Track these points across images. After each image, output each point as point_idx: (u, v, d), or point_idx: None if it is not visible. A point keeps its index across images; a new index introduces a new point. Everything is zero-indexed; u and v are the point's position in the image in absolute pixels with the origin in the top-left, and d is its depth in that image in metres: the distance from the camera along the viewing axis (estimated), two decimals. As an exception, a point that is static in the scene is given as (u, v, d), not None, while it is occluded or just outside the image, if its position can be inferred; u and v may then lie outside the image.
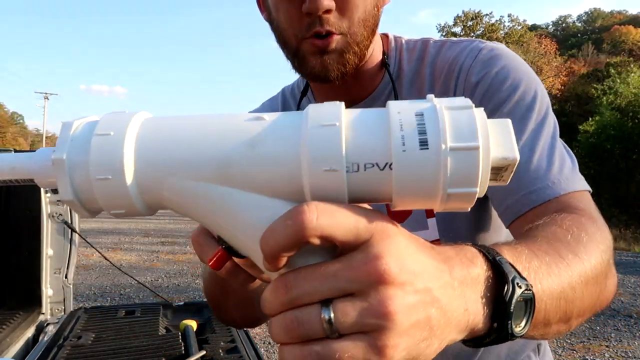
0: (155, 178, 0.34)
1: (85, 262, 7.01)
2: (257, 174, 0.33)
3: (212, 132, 0.34)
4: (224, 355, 1.09)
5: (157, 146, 0.34)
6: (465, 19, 30.30)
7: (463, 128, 0.31)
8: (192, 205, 0.35)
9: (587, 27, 66.87)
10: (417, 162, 0.30)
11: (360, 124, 0.32)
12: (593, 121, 15.78)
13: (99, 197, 0.34)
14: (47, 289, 1.66)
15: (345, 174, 0.31)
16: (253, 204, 0.33)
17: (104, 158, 0.33)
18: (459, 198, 0.32)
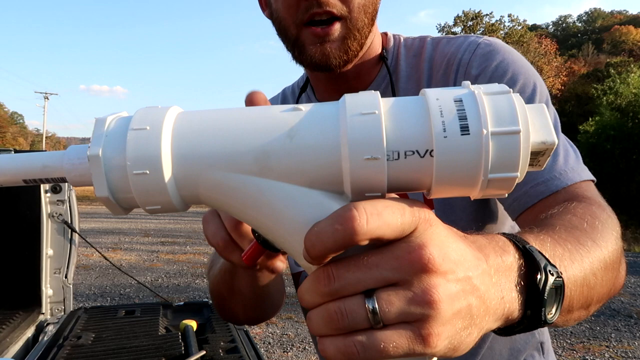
0: (193, 171, 0.33)
1: (85, 262, 7.01)
2: (296, 165, 0.32)
3: (248, 124, 0.33)
4: (224, 355, 1.09)
5: (194, 139, 0.33)
6: (465, 19, 30.30)
7: (503, 113, 0.31)
8: (230, 199, 0.34)
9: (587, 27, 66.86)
10: (459, 148, 0.30)
11: (399, 111, 0.32)
12: (593, 121, 15.78)
13: (136, 193, 0.33)
14: (47, 288, 1.66)
15: (386, 162, 0.31)
16: (291, 195, 0.33)
17: (141, 152, 0.32)
18: (499, 184, 0.31)
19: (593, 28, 63.85)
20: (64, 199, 1.68)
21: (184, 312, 1.50)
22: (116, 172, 0.33)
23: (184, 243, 9.46)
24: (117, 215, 0.36)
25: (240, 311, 0.67)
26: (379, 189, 0.32)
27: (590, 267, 0.44)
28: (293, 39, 0.67)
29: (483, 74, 0.67)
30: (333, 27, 0.64)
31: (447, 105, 0.31)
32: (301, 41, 0.66)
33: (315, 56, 0.65)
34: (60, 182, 0.37)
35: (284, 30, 0.68)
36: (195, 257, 7.99)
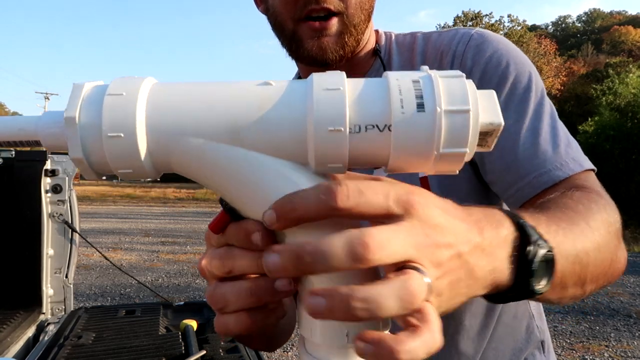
0: (166, 136, 0.35)
1: (86, 262, 7.01)
2: (265, 135, 0.34)
3: (222, 95, 0.35)
4: (224, 355, 1.09)
5: (169, 105, 0.35)
6: (465, 19, 30.30)
7: (456, 93, 0.33)
8: (200, 166, 0.35)
9: (587, 27, 66.86)
10: (415, 124, 0.33)
11: (361, 89, 0.34)
12: (592, 121, 15.78)
13: (109, 156, 0.34)
14: (48, 288, 1.67)
15: (348, 134, 0.33)
16: (259, 163, 0.35)
17: (117, 116, 0.34)
18: (450, 159, 0.34)
19: (592, 28, 63.86)
20: (64, 198, 1.68)
21: (184, 312, 1.50)
22: (91, 134, 0.34)
23: (184, 243, 9.46)
24: (90, 179, 0.37)
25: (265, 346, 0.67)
26: (340, 160, 0.34)
27: (583, 246, 0.46)
28: (290, 34, 0.66)
29: (477, 65, 0.67)
30: (330, 21, 0.64)
31: (406, 85, 0.34)
32: (298, 36, 0.65)
33: (313, 50, 0.65)
34: (34, 146, 0.38)
35: (280, 26, 0.68)
36: (195, 257, 7.99)
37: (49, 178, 1.66)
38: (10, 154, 1.60)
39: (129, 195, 29.26)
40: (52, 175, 1.66)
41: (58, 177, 1.67)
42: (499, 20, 31.02)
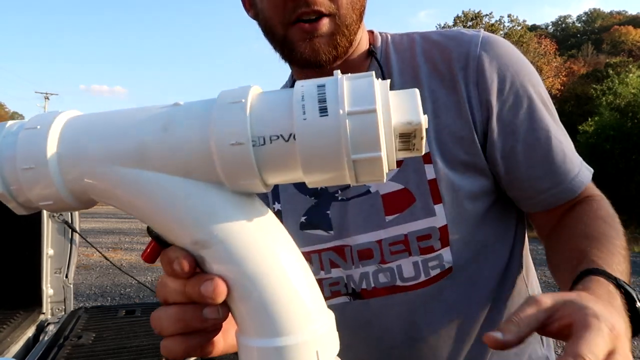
0: (76, 164, 0.35)
1: (86, 262, 7.00)
2: (171, 155, 0.34)
3: (129, 120, 0.36)
4: (224, 355, 1.09)
5: (79, 135, 0.36)
6: (465, 19, 30.30)
7: (361, 94, 0.32)
8: (116, 192, 0.35)
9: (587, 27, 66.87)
10: (319, 129, 0.31)
11: (266, 99, 0.33)
12: (592, 121, 15.76)
13: (26, 188, 0.35)
14: (48, 288, 1.67)
15: (252, 147, 0.32)
16: (170, 185, 0.34)
17: (30, 148, 0.35)
18: (367, 165, 0.32)
19: (592, 28, 63.88)
20: (64, 199, 1.68)
21: (184, 312, 1.50)
22: (9, 168, 0.35)
23: (184, 243, 9.44)
24: (19, 214, 0.37)
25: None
26: (250, 176, 0.33)
27: (627, 271, 0.56)
28: (281, 39, 0.66)
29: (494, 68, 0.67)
30: (321, 22, 0.63)
31: (309, 91, 0.32)
32: (289, 39, 0.65)
33: (305, 52, 0.64)
34: None
35: (270, 31, 0.67)
36: (195, 257, 7.98)
37: (49, 178, 1.66)
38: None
39: (129, 195, 29.17)
40: (52, 175, 1.66)
41: (58, 177, 1.67)
42: (499, 20, 31.01)
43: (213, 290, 0.34)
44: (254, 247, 0.34)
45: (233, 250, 0.33)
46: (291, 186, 0.76)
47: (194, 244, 0.34)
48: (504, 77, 0.67)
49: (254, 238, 0.34)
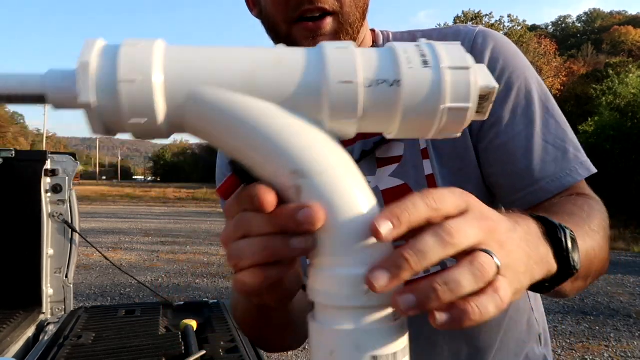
0: (182, 83, 0.34)
1: (86, 262, 7.01)
2: (282, 87, 0.35)
3: (238, 50, 0.36)
4: (224, 355, 1.09)
5: (186, 55, 0.35)
6: (465, 19, 30.31)
7: (456, 55, 0.37)
8: (216, 118, 0.35)
9: (587, 27, 66.87)
10: (422, 78, 0.35)
11: (370, 51, 0.37)
12: (592, 121, 15.77)
13: (123, 102, 0.33)
14: (48, 288, 1.67)
15: (361, 87, 0.35)
16: (274, 114, 0.35)
17: (134, 61, 0.33)
18: (455, 115, 0.36)
19: (592, 28, 63.87)
20: (64, 198, 1.68)
21: (184, 312, 1.50)
22: (105, 78, 0.33)
23: (184, 243, 9.45)
24: (95, 134, 0.35)
25: (277, 339, 0.68)
26: (353, 115, 0.35)
27: (591, 244, 0.53)
28: (284, 37, 0.66)
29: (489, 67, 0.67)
30: (325, 21, 0.63)
31: (410, 47, 0.37)
32: (293, 37, 0.65)
33: None
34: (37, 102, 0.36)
35: (274, 29, 0.67)
36: (195, 256, 7.99)
37: (49, 178, 1.66)
38: (10, 154, 1.60)
39: (129, 195, 29.25)
40: (52, 175, 1.66)
41: (58, 177, 1.67)
42: (499, 21, 31.02)
43: (314, 216, 0.34)
44: (350, 180, 0.36)
45: (332, 181, 0.35)
46: None
47: (293, 173, 0.35)
48: (494, 68, 0.67)
49: (350, 172, 0.36)
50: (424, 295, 0.33)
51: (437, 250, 0.33)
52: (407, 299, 0.33)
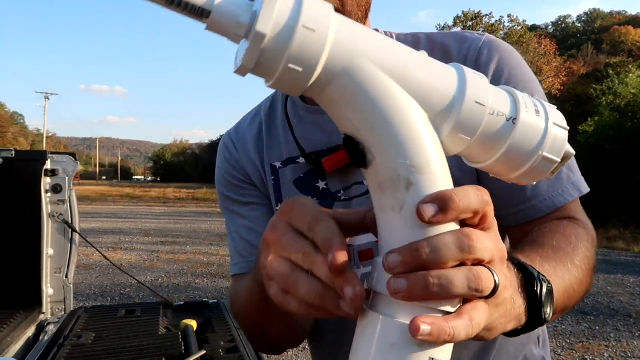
0: (347, 49, 0.35)
1: (86, 262, 7.01)
2: (427, 88, 0.38)
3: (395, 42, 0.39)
4: (224, 355, 1.09)
5: (355, 26, 0.37)
6: (465, 19, 30.30)
7: (558, 115, 0.42)
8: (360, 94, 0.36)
9: (587, 27, 66.86)
10: (534, 123, 0.40)
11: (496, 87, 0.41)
12: (592, 121, 15.75)
13: (293, 44, 0.34)
14: (48, 288, 1.67)
15: (487, 112, 0.38)
16: (417, 110, 0.37)
17: (316, 12, 0.35)
18: (544, 164, 0.40)
19: (592, 28, 63.87)
20: (64, 198, 1.68)
21: (184, 312, 1.50)
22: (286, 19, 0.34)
23: (184, 243, 9.46)
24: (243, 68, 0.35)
25: (279, 336, 0.68)
26: (472, 134, 0.39)
27: (570, 283, 0.55)
28: None
29: (490, 72, 0.67)
30: None
31: (526, 95, 0.41)
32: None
33: None
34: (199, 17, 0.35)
35: None
36: (195, 256, 7.99)
37: (49, 178, 1.66)
38: (10, 154, 1.60)
39: (129, 195, 29.25)
40: (52, 175, 1.66)
41: (58, 177, 1.67)
42: (499, 21, 31.02)
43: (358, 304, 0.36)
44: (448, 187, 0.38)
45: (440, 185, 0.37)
46: (294, 188, 0.77)
47: (412, 166, 0.36)
48: (499, 80, 0.67)
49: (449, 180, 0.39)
50: (415, 284, 0.34)
51: (454, 252, 0.34)
52: (399, 283, 0.34)
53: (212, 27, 0.35)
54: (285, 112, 0.78)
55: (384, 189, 0.37)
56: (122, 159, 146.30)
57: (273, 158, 0.79)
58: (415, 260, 0.34)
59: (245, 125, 0.84)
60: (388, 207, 0.37)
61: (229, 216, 0.83)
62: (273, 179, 0.79)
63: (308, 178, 0.76)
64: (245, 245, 0.79)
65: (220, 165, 0.84)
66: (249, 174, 0.81)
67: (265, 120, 0.82)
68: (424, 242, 0.34)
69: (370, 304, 0.39)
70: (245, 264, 0.78)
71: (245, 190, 0.81)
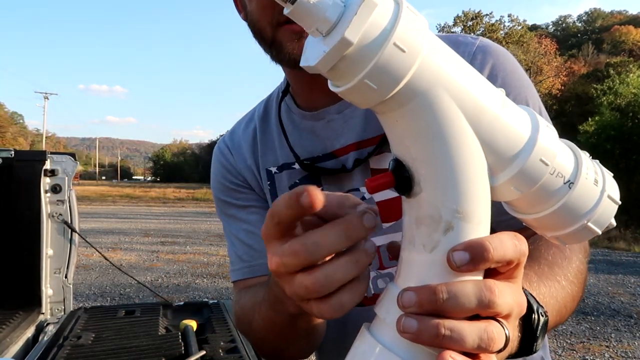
0: (430, 77, 0.33)
1: (85, 262, 7.01)
2: (495, 133, 0.36)
3: (479, 76, 0.37)
4: (224, 355, 1.09)
5: (445, 51, 0.35)
6: (465, 19, 30.31)
7: (614, 187, 0.40)
8: (430, 124, 0.34)
9: (587, 27, 66.85)
10: (590, 192, 0.38)
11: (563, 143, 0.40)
12: (593, 121, 15.75)
13: (381, 61, 0.32)
14: (47, 288, 1.66)
15: (548, 172, 0.37)
16: (474, 148, 0.35)
17: (410, 33, 0.32)
18: (583, 233, 0.39)
19: (593, 28, 63.86)
20: (64, 198, 1.68)
21: (184, 312, 1.50)
22: (377, 32, 0.32)
23: (184, 243, 9.46)
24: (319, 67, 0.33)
25: (297, 353, 0.68)
26: (529, 187, 0.37)
27: (564, 302, 0.55)
28: (270, 40, 0.65)
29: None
30: None
31: (589, 160, 0.40)
32: (278, 41, 0.64)
33: (294, 52, 0.62)
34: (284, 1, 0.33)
35: (259, 32, 0.66)
36: (195, 257, 7.99)
37: (48, 178, 1.65)
38: (10, 154, 1.60)
39: (129, 195, 29.26)
40: (51, 175, 1.66)
41: (57, 177, 1.67)
42: (499, 20, 31.03)
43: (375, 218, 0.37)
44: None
45: (479, 235, 0.36)
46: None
47: (457, 212, 0.35)
48: (492, 83, 0.66)
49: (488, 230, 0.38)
50: (426, 329, 0.33)
51: (472, 302, 0.34)
52: (409, 323, 0.34)
53: (294, 14, 0.33)
54: (279, 117, 0.78)
55: (421, 225, 0.36)
56: (121, 159, 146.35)
57: (268, 163, 0.79)
58: (431, 303, 0.33)
59: (240, 131, 0.84)
60: (419, 243, 0.36)
61: (227, 221, 0.82)
62: (269, 183, 0.78)
63: (304, 184, 0.75)
64: (246, 250, 0.78)
65: (216, 170, 0.84)
66: (245, 178, 0.81)
67: (260, 126, 0.81)
68: (442, 287, 0.34)
69: (372, 328, 0.38)
70: (247, 268, 0.77)
71: (242, 194, 0.81)
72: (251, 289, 0.72)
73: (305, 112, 0.75)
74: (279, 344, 0.64)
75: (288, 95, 0.78)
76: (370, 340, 0.37)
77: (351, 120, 0.71)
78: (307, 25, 0.33)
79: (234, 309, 0.77)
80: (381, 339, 0.36)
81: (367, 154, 0.70)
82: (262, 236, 0.39)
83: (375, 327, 0.38)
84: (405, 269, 0.37)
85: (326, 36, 0.33)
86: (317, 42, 0.34)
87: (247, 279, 0.77)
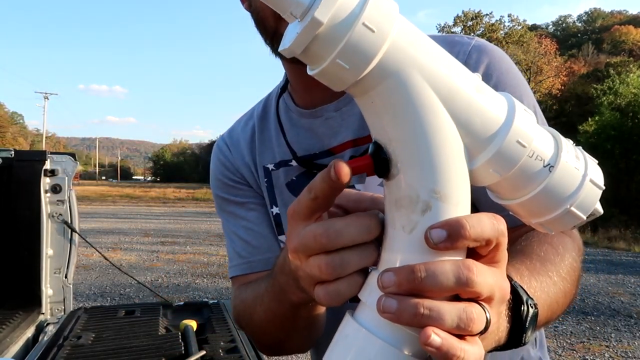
0: (401, 58, 0.34)
1: (85, 262, 7.01)
2: (470, 115, 0.36)
3: (452, 59, 0.37)
4: (224, 355, 1.09)
5: (416, 34, 0.35)
6: (465, 19, 30.32)
7: (598, 172, 0.40)
8: (404, 105, 0.35)
9: (587, 27, 66.86)
10: (570, 176, 0.38)
11: (542, 128, 0.40)
12: (593, 121, 15.75)
13: (351, 41, 0.32)
14: (47, 288, 1.66)
15: (526, 153, 0.37)
16: (449, 130, 0.36)
17: (379, 12, 0.33)
18: (569, 218, 0.39)
19: (593, 28, 63.87)
20: (64, 199, 1.68)
21: (184, 312, 1.50)
22: (346, 13, 0.32)
23: (184, 243, 9.46)
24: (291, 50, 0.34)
25: (297, 346, 0.68)
26: (506, 170, 0.37)
27: (555, 297, 0.54)
28: (272, 32, 0.65)
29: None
30: None
31: (570, 144, 0.40)
32: (280, 33, 0.63)
33: None
34: None
35: (262, 23, 0.66)
36: (195, 257, 7.99)
37: (48, 178, 1.65)
38: (10, 154, 1.60)
39: (129, 195, 29.27)
40: (51, 175, 1.66)
41: (57, 177, 1.67)
42: (499, 20, 31.04)
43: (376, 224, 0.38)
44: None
45: (462, 213, 0.36)
46: (286, 191, 0.77)
47: (435, 192, 0.35)
48: (487, 82, 0.66)
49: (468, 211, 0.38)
50: (405, 308, 0.33)
51: (451, 281, 0.34)
52: (389, 303, 0.34)
53: (271, 3, 0.34)
54: (277, 115, 0.78)
55: (400, 207, 0.36)
56: (121, 159, 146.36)
57: (266, 160, 0.79)
58: (410, 282, 0.34)
59: (239, 129, 0.84)
60: (399, 225, 0.36)
61: (226, 218, 0.83)
62: (266, 180, 0.79)
63: (300, 181, 0.76)
64: (244, 246, 0.78)
65: (215, 168, 0.84)
66: (243, 175, 0.81)
67: (258, 124, 0.82)
68: (421, 266, 0.34)
69: (355, 313, 0.38)
70: (246, 264, 0.78)
71: (241, 191, 0.81)
72: (252, 283, 0.73)
73: (303, 110, 0.75)
74: (280, 336, 0.64)
75: (286, 93, 0.79)
76: (352, 324, 0.37)
77: (349, 118, 0.71)
78: (281, 10, 0.34)
79: (233, 304, 0.77)
80: (363, 322, 0.37)
81: (363, 151, 0.71)
82: (291, 213, 0.40)
83: (358, 311, 0.38)
84: (387, 253, 0.37)
85: (301, 20, 0.33)
86: (294, 26, 0.35)
87: (246, 274, 0.77)
